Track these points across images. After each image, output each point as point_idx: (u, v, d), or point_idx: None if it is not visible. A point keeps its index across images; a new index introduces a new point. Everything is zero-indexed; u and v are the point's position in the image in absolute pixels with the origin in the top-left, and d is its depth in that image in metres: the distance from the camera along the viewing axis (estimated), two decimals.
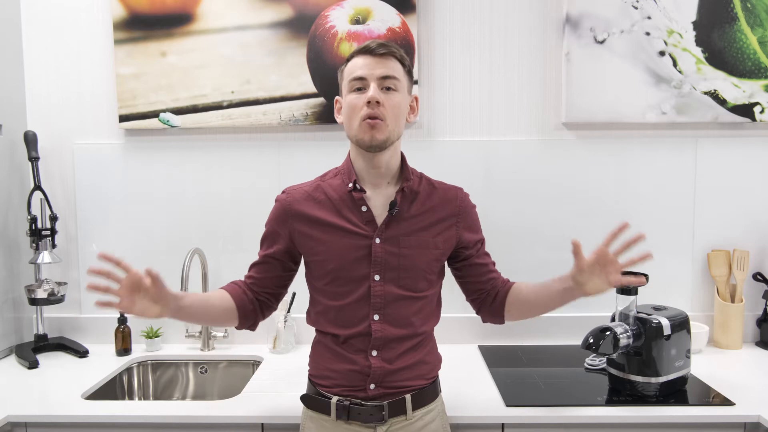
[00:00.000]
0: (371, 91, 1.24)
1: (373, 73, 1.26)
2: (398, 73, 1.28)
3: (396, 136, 1.29)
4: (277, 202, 1.37)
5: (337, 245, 1.29)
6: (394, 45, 1.30)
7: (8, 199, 1.97)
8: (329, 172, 1.38)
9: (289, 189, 1.37)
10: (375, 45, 1.27)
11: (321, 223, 1.31)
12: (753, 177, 1.99)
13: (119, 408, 1.54)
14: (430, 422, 1.34)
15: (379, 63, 1.26)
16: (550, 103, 1.99)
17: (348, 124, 1.29)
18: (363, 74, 1.26)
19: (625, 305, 1.59)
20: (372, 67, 1.26)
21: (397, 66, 1.29)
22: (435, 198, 1.35)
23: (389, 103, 1.26)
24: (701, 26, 1.91)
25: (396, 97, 1.27)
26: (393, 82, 1.27)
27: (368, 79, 1.26)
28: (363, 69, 1.26)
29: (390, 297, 1.28)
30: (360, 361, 1.29)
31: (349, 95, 1.28)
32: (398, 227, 1.30)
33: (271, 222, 1.37)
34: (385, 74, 1.26)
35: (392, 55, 1.28)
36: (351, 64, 1.29)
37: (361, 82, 1.26)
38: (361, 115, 1.25)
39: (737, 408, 1.48)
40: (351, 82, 1.28)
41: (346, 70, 1.30)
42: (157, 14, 1.96)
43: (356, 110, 1.26)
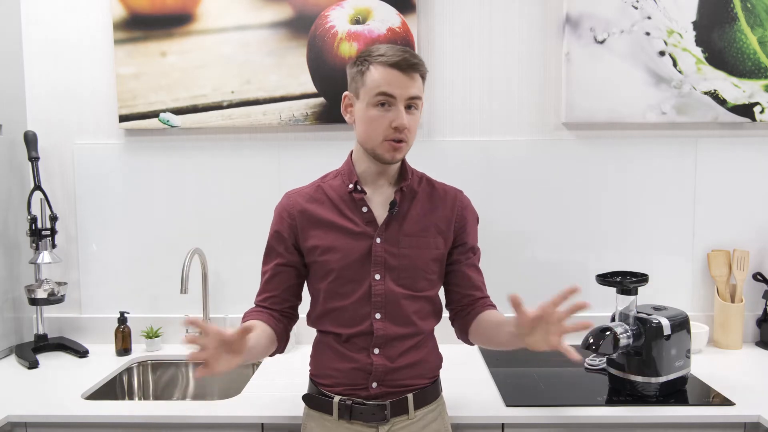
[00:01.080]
0: (402, 117, 1.22)
1: (403, 94, 1.22)
2: (421, 89, 1.27)
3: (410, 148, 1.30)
4: (278, 209, 1.36)
5: (339, 245, 1.29)
6: (419, 59, 1.25)
7: (8, 199, 1.97)
8: (329, 174, 1.38)
9: (289, 193, 1.37)
10: (406, 64, 1.22)
11: (323, 223, 1.31)
12: (753, 177, 1.99)
13: (119, 408, 1.54)
14: (432, 422, 1.34)
15: (409, 81, 1.23)
16: (550, 103, 1.99)
17: (367, 135, 1.26)
18: (393, 93, 1.22)
19: (625, 305, 1.59)
20: (402, 87, 1.22)
21: (420, 82, 1.26)
22: (434, 198, 1.36)
23: (412, 125, 1.25)
24: (701, 26, 1.91)
25: (417, 117, 1.27)
26: (417, 101, 1.26)
27: (397, 98, 1.23)
28: (393, 87, 1.22)
29: (391, 296, 1.28)
30: (362, 359, 1.29)
31: (372, 109, 1.24)
32: (398, 227, 1.30)
33: (276, 229, 1.35)
34: (414, 95, 1.24)
35: (419, 72, 1.25)
36: (378, 74, 1.23)
37: (388, 98, 1.23)
38: (385, 135, 1.23)
39: (737, 408, 1.48)
40: (377, 96, 1.23)
41: (369, 79, 1.24)
42: (157, 14, 1.96)
43: (379, 128, 1.24)
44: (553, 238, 2.01)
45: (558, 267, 2.01)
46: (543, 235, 2.01)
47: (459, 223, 1.36)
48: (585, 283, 1.95)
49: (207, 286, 2.00)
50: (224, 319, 2.02)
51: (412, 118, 1.26)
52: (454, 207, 1.36)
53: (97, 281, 2.07)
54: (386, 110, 1.23)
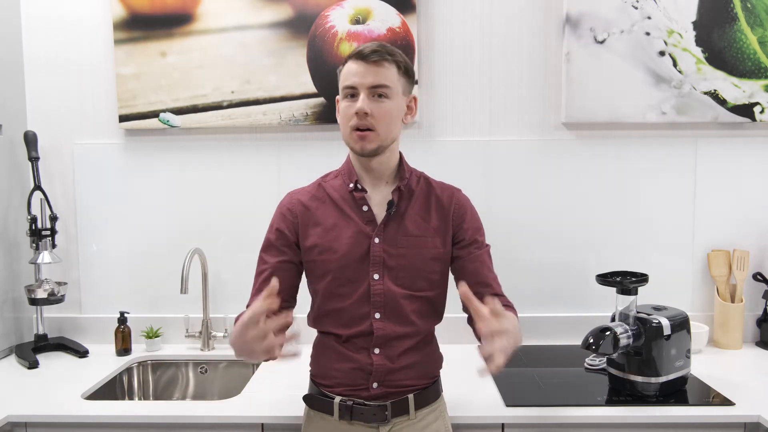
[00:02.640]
0: (360, 102, 1.23)
1: (363, 83, 1.24)
2: (390, 79, 1.25)
3: (389, 141, 1.28)
4: (280, 206, 1.36)
5: (338, 245, 1.29)
6: (388, 48, 1.26)
7: (8, 199, 1.97)
8: (330, 174, 1.39)
9: (291, 192, 1.38)
10: (368, 51, 1.24)
11: (323, 222, 1.31)
12: (753, 177, 1.99)
13: (119, 408, 1.54)
14: (433, 422, 1.34)
15: (370, 71, 1.24)
16: (550, 103, 1.99)
17: (342, 129, 1.30)
18: (354, 83, 1.25)
19: (625, 305, 1.59)
20: (363, 76, 1.24)
21: (391, 71, 1.26)
22: (432, 197, 1.35)
23: (379, 112, 1.24)
24: (701, 26, 1.91)
25: (387, 105, 1.25)
26: (384, 90, 1.25)
27: (359, 88, 1.24)
28: (355, 77, 1.24)
29: (390, 295, 1.28)
30: (362, 359, 1.29)
31: (342, 101, 1.28)
32: (396, 226, 1.30)
33: (278, 226, 1.34)
34: (375, 83, 1.24)
35: (385, 60, 1.25)
36: (346, 68, 1.28)
37: (353, 90, 1.25)
38: (350, 125, 1.25)
39: (737, 408, 1.48)
40: (344, 89, 1.27)
41: (341, 73, 1.29)
42: (157, 14, 1.96)
43: (347, 118, 1.26)
44: (553, 238, 2.01)
45: (558, 267, 2.01)
46: (543, 235, 2.01)
47: (456, 220, 1.35)
48: (585, 283, 1.98)
49: (207, 286, 2.00)
50: (224, 319, 2.02)
51: (379, 105, 1.24)
52: (451, 205, 1.35)
53: (97, 281, 2.07)
54: (352, 101, 1.25)
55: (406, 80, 1.30)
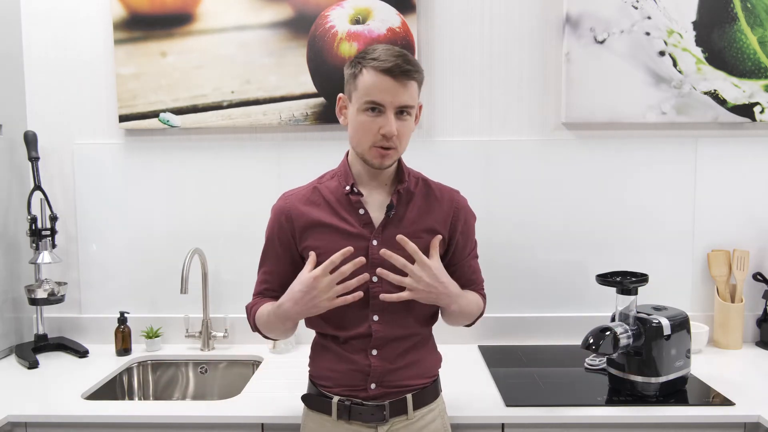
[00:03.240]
0: (390, 125, 1.20)
1: (393, 102, 1.20)
2: (415, 97, 1.24)
3: (402, 153, 1.29)
4: (274, 210, 1.34)
5: (336, 248, 1.28)
6: (413, 63, 1.22)
7: (8, 199, 1.97)
8: (326, 175, 1.37)
9: (286, 194, 1.36)
10: (398, 70, 1.19)
11: (319, 225, 1.30)
12: (753, 177, 1.99)
13: (119, 408, 1.54)
14: (431, 422, 1.34)
15: (399, 89, 1.20)
16: (550, 103, 1.99)
17: (356, 140, 1.26)
18: (382, 101, 1.20)
19: (625, 305, 1.59)
20: (393, 95, 1.20)
21: (414, 88, 1.24)
22: (431, 199, 1.35)
23: (403, 131, 1.24)
24: (701, 26, 1.91)
25: (409, 123, 1.25)
26: (409, 109, 1.24)
27: (387, 107, 1.21)
28: (382, 94, 1.20)
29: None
30: (360, 360, 1.29)
31: (362, 114, 1.23)
32: (395, 229, 1.29)
33: (273, 231, 1.34)
34: (403, 104, 1.21)
35: (413, 79, 1.23)
36: (369, 80, 1.21)
37: (378, 106, 1.21)
38: (373, 141, 1.23)
39: (737, 408, 1.48)
40: (366, 103, 1.21)
41: (361, 83, 1.22)
42: (157, 14, 1.96)
43: (368, 134, 1.23)
44: (553, 237, 2.01)
45: (558, 267, 2.01)
46: (543, 235, 2.01)
47: (455, 224, 1.35)
48: (585, 283, 1.98)
49: (207, 286, 2.00)
50: (224, 319, 2.02)
51: (403, 124, 1.24)
52: (450, 208, 1.35)
53: (97, 281, 2.07)
54: (375, 116, 1.22)
55: (419, 92, 1.29)
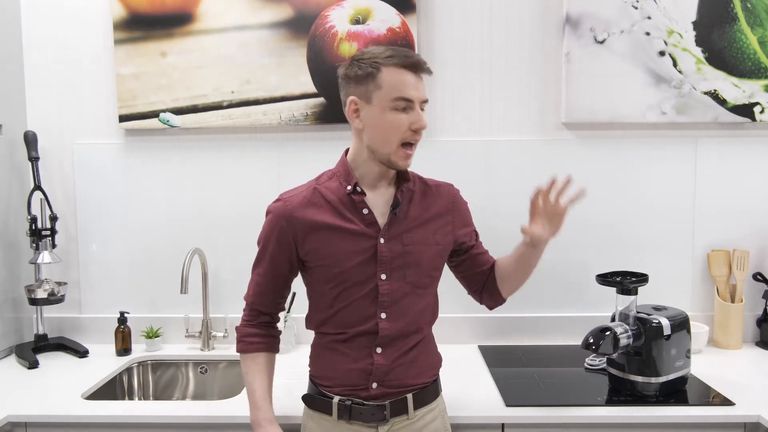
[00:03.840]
0: (422, 119, 1.25)
1: (419, 96, 1.25)
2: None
3: None
4: (274, 212, 1.32)
5: (342, 249, 1.28)
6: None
7: (8, 199, 1.97)
8: (323, 175, 1.36)
9: (285, 196, 1.33)
10: (421, 67, 1.25)
11: (324, 227, 1.29)
12: (753, 177, 1.99)
13: (119, 408, 1.54)
14: (432, 421, 1.34)
15: (421, 84, 1.26)
16: (550, 103, 1.99)
17: (382, 140, 1.26)
18: (412, 96, 1.23)
19: (625, 305, 1.59)
20: (417, 89, 1.24)
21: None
22: (429, 195, 1.37)
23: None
24: (701, 26, 1.91)
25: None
26: (426, 104, 1.28)
27: (415, 102, 1.24)
28: (411, 90, 1.23)
29: (397, 294, 1.29)
30: (363, 359, 1.29)
31: (390, 113, 1.23)
32: (399, 226, 1.31)
33: (272, 234, 1.32)
34: (425, 98, 1.27)
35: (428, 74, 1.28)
36: (395, 77, 1.22)
37: (409, 103, 1.24)
38: (402, 138, 1.25)
39: (737, 408, 1.48)
40: (396, 101, 1.22)
41: (385, 82, 1.22)
42: (157, 14, 1.96)
43: (398, 131, 1.24)
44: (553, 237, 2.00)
45: (558, 267, 2.01)
46: None
47: (459, 217, 1.39)
48: (585, 283, 1.98)
49: (207, 286, 2.00)
50: (224, 319, 2.02)
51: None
52: (448, 201, 1.39)
53: (97, 281, 2.07)
54: (405, 113, 1.24)
55: None
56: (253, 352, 1.36)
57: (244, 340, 1.37)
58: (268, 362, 1.38)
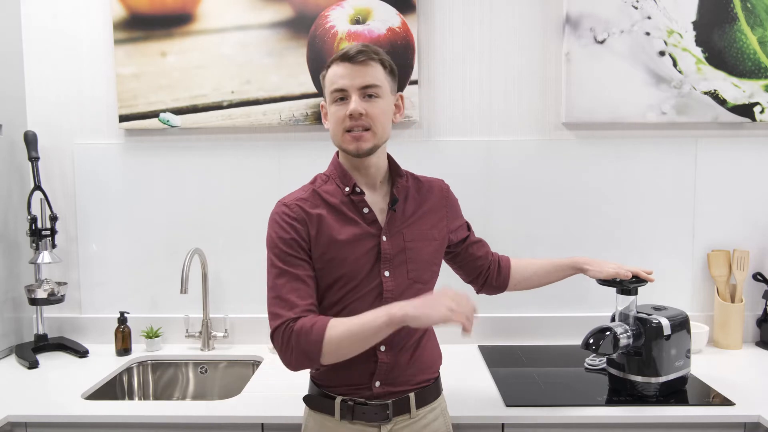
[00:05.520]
0: (353, 104, 1.23)
1: (354, 84, 1.24)
2: (379, 78, 1.26)
3: (383, 141, 1.29)
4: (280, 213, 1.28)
5: (347, 249, 1.28)
6: (372, 48, 1.26)
7: (8, 199, 1.97)
8: (317, 179, 1.35)
9: (289, 200, 1.30)
10: (353, 52, 1.23)
11: (329, 228, 1.28)
12: (753, 177, 1.99)
13: (119, 408, 1.54)
14: (434, 420, 1.34)
15: (358, 71, 1.24)
16: (550, 103, 1.99)
17: (333, 133, 1.29)
18: (343, 85, 1.23)
19: (625, 305, 1.59)
20: (352, 77, 1.23)
21: (378, 70, 1.26)
22: (423, 191, 1.38)
23: (373, 112, 1.25)
24: (701, 26, 1.91)
25: (379, 104, 1.26)
26: (375, 89, 1.25)
27: (349, 90, 1.24)
28: (343, 79, 1.24)
29: (400, 290, 1.29)
30: (367, 358, 1.28)
31: (331, 105, 1.27)
32: (398, 223, 1.32)
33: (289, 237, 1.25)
34: (365, 83, 1.24)
35: (372, 60, 1.25)
36: (331, 72, 1.26)
37: (342, 92, 1.25)
38: (344, 127, 1.25)
39: (737, 408, 1.48)
40: (332, 93, 1.25)
41: (327, 78, 1.28)
42: (157, 14, 1.96)
43: (339, 122, 1.25)
44: (553, 237, 2.01)
45: None
46: (543, 235, 2.01)
47: (451, 211, 1.42)
48: (585, 284, 1.97)
49: (207, 286, 2.00)
50: (224, 319, 2.02)
51: (371, 105, 1.25)
52: (441, 197, 1.41)
53: (97, 281, 2.07)
54: (344, 104, 1.25)
55: (392, 79, 1.31)
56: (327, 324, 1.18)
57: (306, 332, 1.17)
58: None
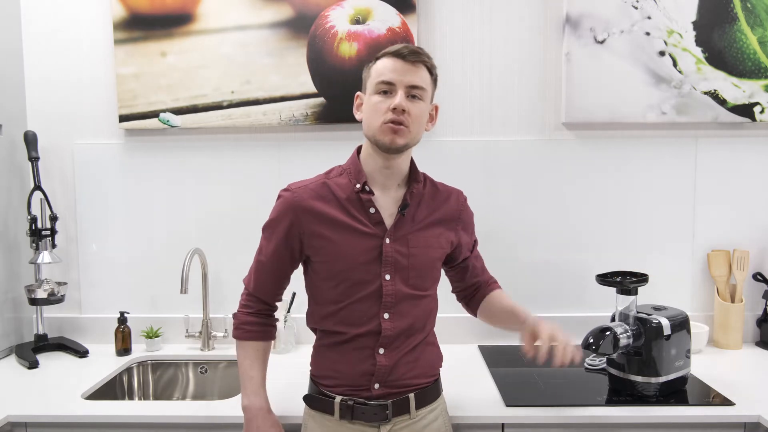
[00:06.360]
0: (398, 98, 1.23)
1: (403, 80, 1.24)
2: (426, 82, 1.27)
3: (415, 143, 1.30)
4: (284, 202, 1.31)
5: (347, 246, 1.28)
6: (425, 52, 1.28)
7: (8, 199, 1.97)
8: (334, 170, 1.36)
9: (294, 187, 1.33)
10: (407, 51, 1.25)
11: (330, 222, 1.29)
12: (753, 177, 1.99)
13: (119, 408, 1.54)
14: (433, 421, 1.34)
15: (409, 70, 1.25)
16: (550, 103, 1.99)
17: (368, 123, 1.28)
18: (392, 79, 1.24)
19: (625, 305, 1.59)
20: (402, 73, 1.24)
21: (426, 75, 1.28)
22: (438, 199, 1.37)
23: (414, 111, 1.25)
24: (701, 26, 1.91)
25: (421, 106, 1.27)
26: (420, 91, 1.26)
27: (397, 85, 1.24)
28: (393, 74, 1.24)
29: (400, 296, 1.29)
30: (366, 360, 1.29)
31: (374, 96, 1.26)
32: (405, 228, 1.31)
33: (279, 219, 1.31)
34: (414, 83, 1.25)
35: (423, 64, 1.27)
36: (380, 64, 1.27)
37: (389, 86, 1.25)
38: (383, 119, 1.24)
39: (737, 408, 1.48)
40: (378, 84, 1.25)
41: (374, 69, 1.28)
42: (157, 14, 1.96)
43: (379, 113, 1.25)
44: (553, 238, 2.01)
45: (558, 267, 2.01)
46: (543, 235, 2.01)
47: (464, 224, 1.41)
48: (585, 283, 1.98)
49: (207, 286, 2.00)
50: (224, 319, 2.02)
51: (414, 105, 1.26)
52: (456, 209, 1.39)
53: (97, 281, 2.07)
54: (387, 97, 1.25)
55: (434, 87, 1.32)
56: (250, 340, 1.37)
57: (242, 327, 1.37)
58: (265, 350, 1.39)
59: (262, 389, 1.36)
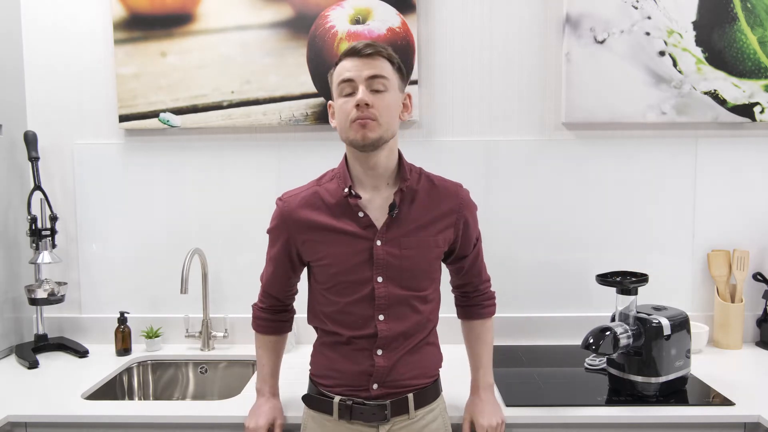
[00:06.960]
0: (360, 94, 1.23)
1: (361, 75, 1.24)
2: (387, 71, 1.26)
3: (390, 135, 1.27)
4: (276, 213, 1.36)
5: (339, 250, 1.28)
6: (380, 44, 1.28)
7: (8, 199, 1.97)
8: (326, 175, 1.37)
9: (285, 197, 1.35)
10: (361, 45, 1.25)
11: (321, 228, 1.30)
12: (753, 177, 1.99)
13: (119, 408, 1.54)
14: (432, 421, 1.34)
15: (366, 64, 1.24)
16: (550, 103, 1.99)
17: (340, 126, 1.28)
18: (350, 76, 1.24)
19: (625, 305, 1.59)
20: (359, 69, 1.24)
21: (386, 65, 1.26)
22: (434, 195, 1.34)
23: (380, 104, 1.24)
24: (701, 26, 1.91)
25: (386, 97, 1.25)
26: (382, 81, 1.25)
27: (356, 80, 1.24)
28: (351, 71, 1.24)
29: (393, 297, 1.28)
30: (364, 360, 1.29)
31: (339, 99, 1.27)
32: (399, 228, 1.29)
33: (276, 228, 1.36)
34: (372, 74, 1.24)
35: (379, 54, 1.26)
36: (339, 67, 1.28)
37: (350, 84, 1.24)
38: (351, 118, 1.24)
39: (737, 408, 1.48)
40: (340, 86, 1.26)
41: (334, 73, 1.29)
42: (157, 14, 1.96)
43: (346, 113, 1.25)
44: (553, 238, 2.01)
45: (558, 267, 2.01)
46: (543, 235, 2.01)
47: (464, 220, 1.35)
48: (585, 283, 1.98)
49: (207, 286, 2.00)
50: (224, 319, 2.02)
51: (378, 97, 1.24)
52: (455, 205, 1.34)
53: (97, 281, 2.07)
54: (352, 96, 1.25)
55: (400, 76, 1.30)
56: (262, 333, 1.45)
57: (256, 320, 1.46)
58: (277, 341, 1.46)
59: (270, 377, 1.44)
